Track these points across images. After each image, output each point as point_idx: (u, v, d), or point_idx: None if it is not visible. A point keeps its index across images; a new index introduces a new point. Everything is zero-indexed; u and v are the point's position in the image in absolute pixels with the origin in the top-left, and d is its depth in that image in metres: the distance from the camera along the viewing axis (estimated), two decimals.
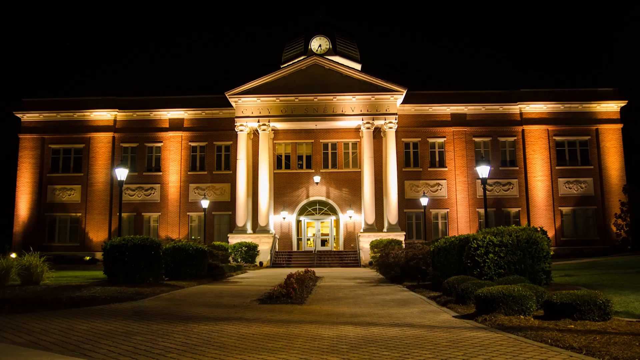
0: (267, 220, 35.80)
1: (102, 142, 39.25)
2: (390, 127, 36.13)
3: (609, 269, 18.24)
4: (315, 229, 38.81)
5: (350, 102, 36.46)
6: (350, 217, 37.86)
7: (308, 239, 38.77)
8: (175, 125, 39.37)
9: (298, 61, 37.41)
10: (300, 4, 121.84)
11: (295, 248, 38.15)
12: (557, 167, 38.11)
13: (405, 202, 37.73)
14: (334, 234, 38.69)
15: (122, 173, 20.84)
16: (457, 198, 37.86)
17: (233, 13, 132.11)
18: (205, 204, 34.66)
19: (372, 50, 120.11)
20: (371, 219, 35.15)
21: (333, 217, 38.62)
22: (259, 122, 36.38)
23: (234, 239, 34.31)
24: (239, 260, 31.85)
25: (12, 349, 5.52)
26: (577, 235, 37.41)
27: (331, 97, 36.32)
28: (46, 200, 38.91)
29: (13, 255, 27.84)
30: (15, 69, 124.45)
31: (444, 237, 15.96)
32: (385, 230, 35.18)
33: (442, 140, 38.63)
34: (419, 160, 38.52)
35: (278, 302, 10.33)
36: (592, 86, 39.95)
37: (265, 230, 35.31)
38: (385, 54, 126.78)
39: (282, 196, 38.47)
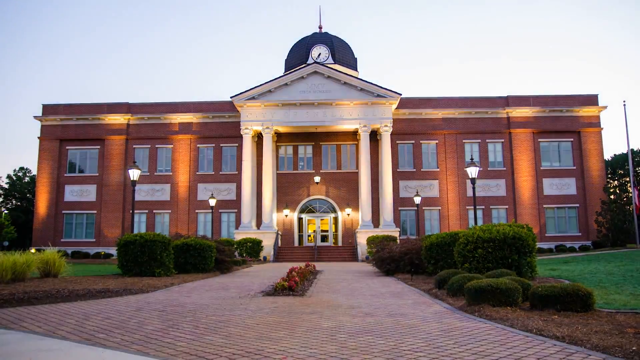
0: (271, 217, 35.83)
1: (115, 144, 39.28)
2: (386, 131, 36.14)
3: (590, 263, 18.23)
4: (315, 225, 38.82)
5: (349, 107, 36.47)
6: (349, 214, 37.87)
7: (309, 235, 38.78)
8: (185, 128, 39.41)
9: (299, 69, 37.44)
10: (303, 14, 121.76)
11: (296, 244, 38.15)
12: (542, 168, 38.16)
13: (400, 200, 37.75)
14: (333, 230, 38.70)
15: (134, 174, 20.85)
16: (448, 197, 37.87)
17: (238, 20, 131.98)
18: (212, 202, 34.70)
19: (368, 57, 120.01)
20: (368, 217, 35.14)
21: (332, 215, 38.63)
22: (262, 125, 36.40)
23: (239, 235, 34.31)
24: (244, 255, 31.85)
25: (32, 338, 5.52)
26: (560, 232, 37.46)
27: (330, 102, 36.35)
28: (64, 199, 38.95)
29: (33, 250, 27.91)
30: (32, 75, 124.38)
31: (436, 234, 15.94)
32: (381, 227, 35.18)
33: (434, 142, 38.65)
34: (412, 162, 38.55)
35: (280, 294, 10.31)
36: (574, 92, 40.00)
37: (268, 227, 35.31)
38: (380, 60, 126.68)
39: (285, 195, 38.49)
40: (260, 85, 36.49)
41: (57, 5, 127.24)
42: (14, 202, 61.40)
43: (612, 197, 38.03)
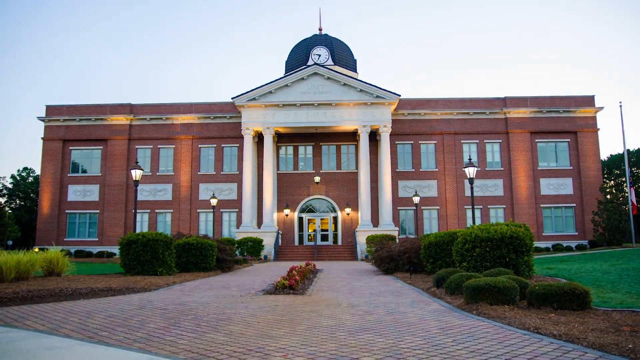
0: (271, 217, 35.83)
1: (118, 144, 39.30)
2: (385, 131, 36.14)
3: (586, 262, 18.23)
4: (315, 225, 38.82)
5: (348, 108, 36.48)
6: (348, 214, 37.88)
7: (309, 235, 38.78)
8: (186, 129, 39.43)
9: (300, 70, 37.45)
10: (303, 16, 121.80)
11: (297, 243, 38.15)
12: (539, 168, 38.16)
13: (399, 200, 37.75)
14: (333, 229, 38.69)
15: (137, 174, 20.85)
16: (446, 197, 37.88)
17: (239, 22, 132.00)
18: (214, 202, 34.70)
19: (367, 59, 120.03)
20: (367, 216, 35.14)
21: (332, 214, 38.63)
22: (263, 126, 36.41)
23: (240, 235, 34.31)
24: (245, 254, 31.85)
25: (35, 335, 5.52)
26: (557, 231, 37.46)
27: (330, 103, 36.36)
28: (67, 198, 38.96)
29: (36, 249, 27.90)
30: (35, 76, 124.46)
31: (434, 233, 15.94)
32: (380, 226, 35.18)
33: (432, 143, 38.67)
34: (411, 162, 38.56)
35: (281, 293, 10.31)
36: (571, 94, 40.01)
37: (269, 226, 35.31)
38: (380, 62, 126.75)
39: (285, 195, 38.49)
40: (261, 86, 36.48)
41: (60, 6, 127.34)
42: (17, 201, 61.46)
43: (608, 196, 38.01)
